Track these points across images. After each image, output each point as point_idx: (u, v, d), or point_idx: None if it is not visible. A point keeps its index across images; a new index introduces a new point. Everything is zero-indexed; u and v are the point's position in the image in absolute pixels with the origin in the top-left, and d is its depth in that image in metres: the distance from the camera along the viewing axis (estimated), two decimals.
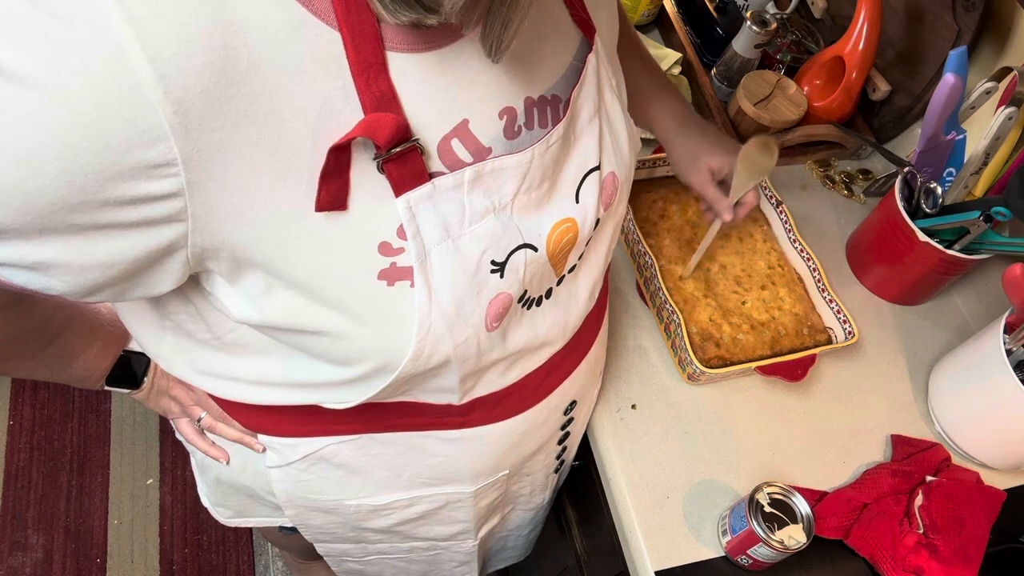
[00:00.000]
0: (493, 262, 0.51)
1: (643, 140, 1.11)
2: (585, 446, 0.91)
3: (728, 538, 0.79)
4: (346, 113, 0.42)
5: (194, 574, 1.59)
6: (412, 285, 0.47)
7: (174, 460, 1.71)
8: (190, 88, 0.36)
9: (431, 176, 0.46)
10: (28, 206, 0.36)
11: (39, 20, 0.33)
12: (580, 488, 1.01)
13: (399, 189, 0.45)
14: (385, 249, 0.46)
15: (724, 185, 0.86)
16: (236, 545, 1.63)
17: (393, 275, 0.47)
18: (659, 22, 1.27)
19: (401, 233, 0.46)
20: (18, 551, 1.56)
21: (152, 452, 1.72)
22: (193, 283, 0.49)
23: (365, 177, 0.44)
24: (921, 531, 0.82)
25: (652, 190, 1.03)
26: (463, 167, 0.47)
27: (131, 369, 0.68)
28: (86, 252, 0.40)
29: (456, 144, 0.47)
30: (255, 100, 0.38)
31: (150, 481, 1.69)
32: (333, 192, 0.43)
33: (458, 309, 0.50)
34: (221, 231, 0.42)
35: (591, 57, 0.54)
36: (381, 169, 0.44)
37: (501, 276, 0.51)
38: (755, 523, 0.74)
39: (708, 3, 1.19)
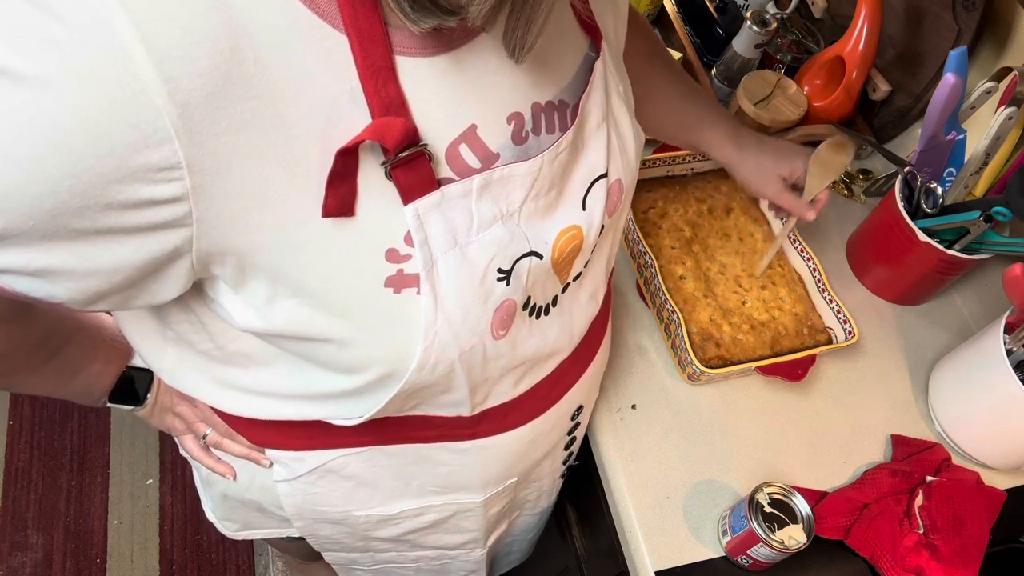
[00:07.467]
0: (500, 270, 0.50)
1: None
2: (585, 446, 0.91)
3: (728, 538, 0.79)
4: (354, 117, 0.41)
5: (194, 574, 1.59)
6: (419, 292, 0.47)
7: (174, 460, 1.71)
8: (195, 91, 0.35)
9: (439, 183, 0.45)
10: (31, 210, 0.36)
11: (42, 21, 0.32)
12: (580, 488, 1.01)
13: (407, 197, 0.44)
14: (392, 256, 0.46)
15: (795, 188, 0.87)
16: (236, 545, 1.63)
17: (400, 282, 0.46)
18: (659, 22, 1.27)
19: (408, 240, 0.45)
20: (18, 551, 1.56)
21: (152, 452, 1.72)
22: (196, 291, 0.48)
23: (373, 183, 0.43)
24: (921, 531, 0.81)
25: (652, 190, 1.03)
26: (472, 174, 0.47)
27: (134, 386, 0.67)
28: (89, 258, 0.39)
29: (464, 150, 0.46)
30: (261, 104, 0.38)
31: (150, 481, 1.69)
32: (340, 197, 0.42)
33: (464, 317, 0.49)
34: (227, 236, 0.41)
35: (598, 64, 0.54)
36: (389, 175, 0.43)
37: (507, 284, 0.51)
38: (755, 523, 0.74)
39: (708, 3, 1.19)
